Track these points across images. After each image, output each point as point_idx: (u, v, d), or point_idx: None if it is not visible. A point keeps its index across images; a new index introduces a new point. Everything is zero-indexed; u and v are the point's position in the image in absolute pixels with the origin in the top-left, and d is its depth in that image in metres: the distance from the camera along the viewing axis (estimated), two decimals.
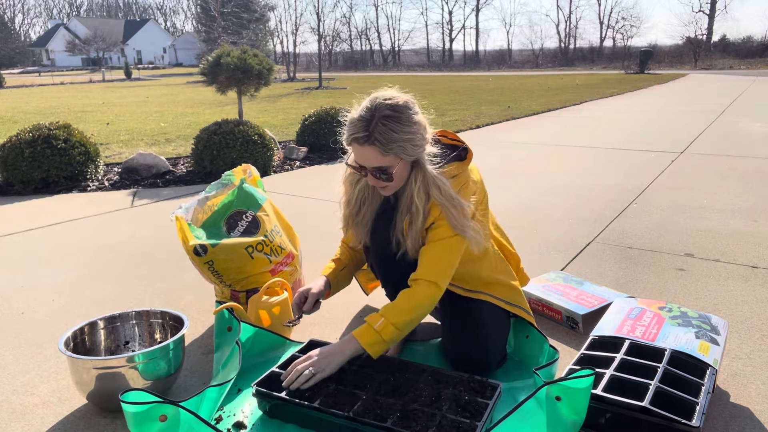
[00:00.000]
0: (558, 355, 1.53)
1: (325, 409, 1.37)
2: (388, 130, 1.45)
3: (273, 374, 1.52)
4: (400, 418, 1.34)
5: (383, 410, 1.37)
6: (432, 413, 1.35)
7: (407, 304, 1.52)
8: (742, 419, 1.46)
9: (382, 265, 1.72)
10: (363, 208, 1.69)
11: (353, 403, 1.39)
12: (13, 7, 78.00)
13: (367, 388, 1.46)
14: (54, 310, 2.21)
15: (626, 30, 59.47)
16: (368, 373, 1.52)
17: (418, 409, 1.37)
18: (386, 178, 1.52)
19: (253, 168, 2.25)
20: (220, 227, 2.03)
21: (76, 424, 1.49)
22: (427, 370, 1.55)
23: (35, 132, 4.42)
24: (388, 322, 1.49)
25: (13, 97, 16.55)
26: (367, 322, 1.52)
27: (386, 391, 1.45)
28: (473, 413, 1.36)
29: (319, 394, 1.43)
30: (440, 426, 1.31)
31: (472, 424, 1.31)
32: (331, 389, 1.45)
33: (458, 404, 1.40)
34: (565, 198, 3.80)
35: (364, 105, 1.50)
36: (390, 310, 1.51)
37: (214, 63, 5.31)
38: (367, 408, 1.38)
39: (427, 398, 1.42)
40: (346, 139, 1.52)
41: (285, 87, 19.09)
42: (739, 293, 2.23)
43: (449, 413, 1.36)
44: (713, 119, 7.99)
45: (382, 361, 1.57)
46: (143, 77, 30.40)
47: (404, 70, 44.52)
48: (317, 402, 1.39)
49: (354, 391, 1.44)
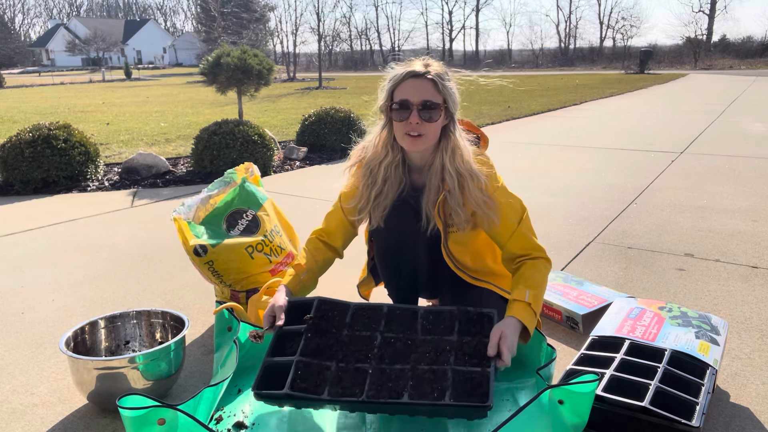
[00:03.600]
0: (555, 354, 1.53)
1: (336, 399, 1.32)
2: (443, 73, 1.57)
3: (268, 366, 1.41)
4: (414, 386, 1.31)
5: (394, 382, 1.33)
6: (443, 371, 1.33)
7: (542, 275, 1.57)
8: (742, 419, 1.46)
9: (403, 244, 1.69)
10: (385, 187, 1.67)
11: (362, 381, 1.34)
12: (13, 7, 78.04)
13: (369, 357, 1.41)
14: (54, 310, 2.21)
15: (626, 30, 59.47)
16: (365, 336, 1.46)
17: (427, 369, 1.35)
18: (431, 116, 1.54)
19: (254, 167, 2.26)
20: (220, 225, 2.03)
21: (76, 424, 1.49)
22: (419, 312, 1.52)
23: (35, 132, 4.42)
24: (534, 294, 1.50)
25: (13, 97, 16.55)
26: (516, 298, 1.49)
27: (389, 356, 1.41)
28: (480, 358, 1.35)
29: (323, 380, 1.36)
30: (455, 383, 1.29)
31: (484, 372, 1.30)
32: (333, 370, 1.38)
33: (463, 352, 1.38)
34: (565, 198, 3.80)
35: (413, 61, 1.58)
36: (532, 284, 1.52)
37: (214, 63, 5.31)
38: (378, 384, 1.33)
39: (431, 354, 1.39)
40: (395, 81, 1.56)
41: (285, 87, 19.09)
42: (739, 293, 2.23)
43: (458, 365, 1.34)
44: (713, 119, 7.99)
45: (372, 313, 1.52)
46: (143, 77, 30.39)
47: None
48: (326, 392, 1.33)
49: (357, 366, 1.39)
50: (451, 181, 1.57)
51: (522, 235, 1.61)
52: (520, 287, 1.52)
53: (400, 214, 1.67)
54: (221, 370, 1.62)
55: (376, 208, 1.67)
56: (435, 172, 1.60)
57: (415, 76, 1.54)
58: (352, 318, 1.52)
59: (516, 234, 1.60)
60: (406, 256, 1.71)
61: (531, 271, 1.56)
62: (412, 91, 1.54)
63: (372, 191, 1.67)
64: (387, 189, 1.66)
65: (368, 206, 1.68)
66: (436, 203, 1.61)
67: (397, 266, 1.75)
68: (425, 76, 1.54)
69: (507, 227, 1.61)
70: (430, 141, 1.58)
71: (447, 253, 1.68)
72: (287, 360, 1.41)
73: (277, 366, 1.41)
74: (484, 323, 1.46)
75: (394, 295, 1.82)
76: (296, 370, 1.38)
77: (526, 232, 1.62)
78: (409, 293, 1.81)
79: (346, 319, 1.51)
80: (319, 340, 1.47)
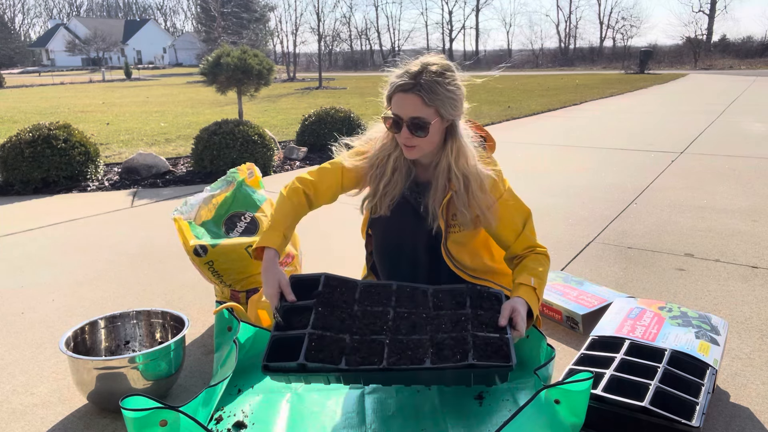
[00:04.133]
0: (554, 353, 1.53)
1: (355, 369, 1.28)
2: (434, 83, 1.50)
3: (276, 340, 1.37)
4: (435, 353, 1.30)
5: (413, 350, 1.32)
6: (462, 336, 1.33)
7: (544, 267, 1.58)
8: (742, 419, 1.46)
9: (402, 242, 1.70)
10: (394, 177, 1.67)
11: (380, 351, 1.31)
12: (13, 7, 78.03)
13: (384, 329, 1.39)
14: (54, 310, 2.21)
15: (626, 30, 59.52)
16: (377, 312, 1.44)
17: (447, 336, 1.35)
18: (421, 132, 1.53)
19: (255, 168, 2.26)
20: (219, 227, 2.03)
21: (76, 424, 1.49)
22: (428, 290, 1.52)
23: (35, 132, 4.42)
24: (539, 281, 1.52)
25: (13, 97, 16.55)
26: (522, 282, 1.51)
27: (405, 328, 1.39)
28: (496, 328, 1.37)
29: (339, 351, 1.32)
30: (476, 347, 1.30)
31: (503, 337, 1.32)
32: (348, 342, 1.35)
33: (480, 322, 1.39)
34: (565, 198, 3.80)
35: (411, 63, 1.55)
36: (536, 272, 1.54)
37: (214, 63, 5.31)
38: (398, 352, 1.31)
39: (448, 325, 1.39)
40: (389, 91, 1.55)
41: (285, 87, 19.09)
42: (739, 293, 2.23)
43: (476, 330, 1.35)
44: (713, 119, 7.99)
45: (381, 291, 1.51)
46: (143, 77, 30.40)
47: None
48: (343, 362, 1.29)
49: (373, 338, 1.36)
50: (457, 182, 1.58)
51: (526, 237, 1.64)
52: (524, 274, 1.54)
53: (399, 212, 1.68)
54: (221, 369, 1.62)
55: (385, 196, 1.67)
56: (441, 172, 1.60)
57: (403, 90, 1.51)
58: (361, 294, 1.50)
59: (521, 236, 1.63)
60: (405, 255, 1.71)
61: (534, 263, 1.58)
62: (401, 107, 1.53)
63: (380, 182, 1.67)
64: (396, 178, 1.67)
65: (376, 196, 1.68)
66: (442, 203, 1.61)
67: (395, 264, 1.75)
68: (413, 90, 1.49)
69: (513, 230, 1.63)
70: (426, 149, 1.59)
71: (446, 253, 1.68)
72: (298, 333, 1.36)
73: (286, 340, 1.35)
74: (493, 301, 1.47)
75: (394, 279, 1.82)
76: (310, 342, 1.33)
77: (530, 235, 1.64)
78: None
79: (356, 295, 1.49)
80: (329, 314, 1.42)
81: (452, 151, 1.58)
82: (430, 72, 1.51)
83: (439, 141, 1.59)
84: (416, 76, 1.50)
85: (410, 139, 1.54)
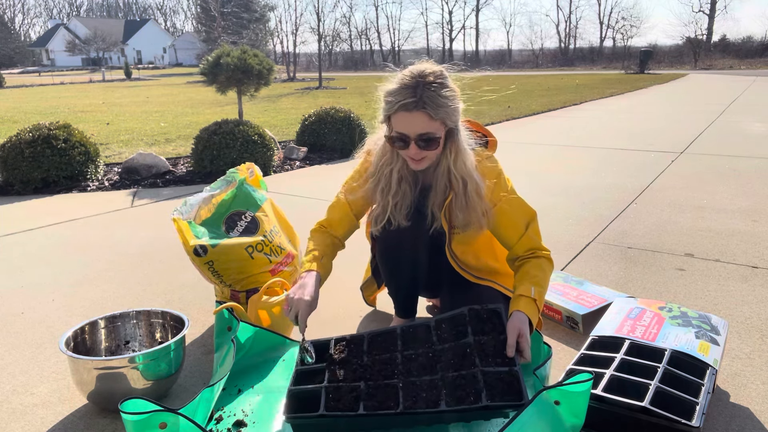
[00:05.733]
0: (551, 352, 1.53)
1: (374, 414, 1.31)
2: (436, 95, 1.46)
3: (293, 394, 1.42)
4: (448, 393, 1.31)
5: (427, 392, 1.33)
6: (472, 374, 1.33)
7: (546, 272, 1.57)
8: (742, 419, 1.46)
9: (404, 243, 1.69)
10: (401, 187, 1.65)
11: (395, 396, 1.34)
12: (13, 7, 78.02)
13: (395, 374, 1.41)
14: (54, 310, 2.21)
15: (626, 30, 59.42)
16: (386, 358, 1.47)
17: (457, 375, 1.35)
18: (430, 146, 1.51)
19: (256, 167, 2.26)
20: (219, 227, 2.03)
21: (76, 424, 1.49)
22: (430, 324, 1.52)
23: (35, 132, 4.42)
24: (539, 291, 1.51)
25: (13, 97, 16.55)
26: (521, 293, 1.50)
27: (416, 369, 1.41)
28: (502, 356, 1.37)
29: (356, 398, 1.36)
30: (487, 385, 1.30)
31: (512, 371, 1.32)
32: (363, 388, 1.38)
33: (485, 353, 1.39)
34: (565, 198, 3.80)
35: (404, 74, 1.51)
36: (536, 280, 1.53)
37: (214, 63, 5.31)
38: (413, 396, 1.33)
39: (456, 360, 1.39)
40: (389, 109, 1.51)
41: (285, 87, 19.08)
42: (739, 293, 2.23)
43: (485, 366, 1.34)
44: (713, 119, 7.99)
45: (388, 338, 1.53)
46: (143, 77, 30.39)
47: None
48: (361, 408, 1.32)
49: (386, 383, 1.39)
50: (457, 184, 1.57)
51: (529, 239, 1.61)
52: (525, 283, 1.52)
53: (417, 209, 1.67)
54: (220, 369, 1.62)
55: (398, 209, 1.65)
56: (442, 174, 1.59)
57: (407, 110, 1.47)
58: (369, 345, 1.53)
59: (524, 237, 1.61)
60: (407, 256, 1.71)
61: (535, 269, 1.56)
62: (407, 125, 1.49)
63: (389, 195, 1.65)
64: (404, 188, 1.65)
65: (387, 211, 1.65)
66: (443, 204, 1.61)
67: (397, 265, 1.75)
68: (417, 107, 1.46)
69: (516, 230, 1.61)
70: (434, 158, 1.58)
71: (450, 254, 1.68)
72: (315, 387, 1.41)
73: (303, 394, 1.41)
74: (494, 320, 1.46)
75: (395, 295, 1.82)
76: (327, 393, 1.38)
77: (534, 236, 1.62)
78: (409, 292, 1.81)
79: (364, 347, 1.52)
80: (342, 369, 1.47)
81: (451, 153, 1.56)
82: (429, 84, 1.47)
83: (440, 150, 1.57)
84: (415, 89, 1.46)
85: (419, 153, 1.52)
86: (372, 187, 1.68)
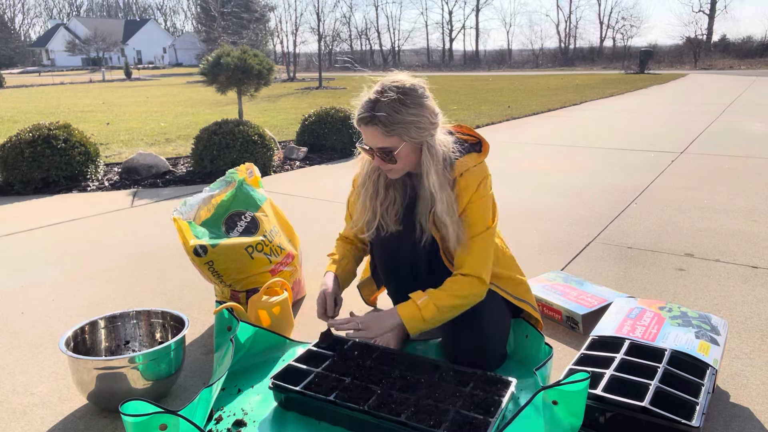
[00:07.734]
0: (552, 352, 1.53)
1: (341, 403, 1.39)
2: (392, 111, 1.46)
3: (290, 368, 1.56)
4: (414, 412, 1.35)
5: (398, 405, 1.39)
6: (445, 409, 1.36)
7: (453, 290, 1.55)
8: (742, 419, 1.46)
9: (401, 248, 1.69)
10: (390, 193, 1.66)
11: (368, 397, 1.42)
12: (13, 7, 78.01)
13: (382, 383, 1.48)
14: (54, 310, 2.21)
15: (626, 30, 59.61)
16: (384, 369, 1.55)
17: (432, 404, 1.38)
18: (390, 159, 1.53)
19: (255, 168, 2.26)
20: (219, 227, 2.03)
21: (76, 424, 1.49)
22: (442, 366, 1.56)
23: (35, 132, 4.42)
24: (430, 301, 1.52)
25: (13, 97, 16.55)
26: (411, 297, 1.55)
27: (401, 386, 1.47)
28: (486, 409, 1.37)
29: (335, 388, 1.46)
30: (453, 421, 1.32)
31: (485, 420, 1.32)
32: (347, 383, 1.48)
33: (472, 401, 1.40)
34: (565, 198, 3.80)
35: (373, 88, 1.52)
36: (435, 292, 1.55)
37: (214, 63, 5.31)
38: (382, 402, 1.40)
39: (441, 394, 1.43)
40: (354, 121, 1.55)
41: (285, 87, 19.09)
42: (739, 293, 2.23)
43: (463, 409, 1.36)
44: (713, 119, 7.99)
45: (397, 357, 1.61)
46: (143, 77, 30.40)
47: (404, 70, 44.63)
48: (333, 396, 1.42)
49: (369, 386, 1.47)
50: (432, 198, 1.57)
51: (468, 248, 1.57)
52: (425, 295, 1.55)
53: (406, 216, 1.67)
54: (220, 369, 1.62)
55: (387, 214, 1.66)
56: (424, 185, 1.58)
57: (363, 123, 1.50)
58: (379, 355, 1.62)
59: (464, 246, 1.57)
60: (405, 261, 1.70)
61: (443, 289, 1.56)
62: (366, 138, 1.53)
63: (377, 201, 1.66)
64: (392, 194, 1.66)
65: (377, 217, 1.66)
66: (429, 213, 1.60)
67: (395, 270, 1.75)
68: (371, 123, 1.47)
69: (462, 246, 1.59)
70: (406, 168, 1.59)
71: (447, 258, 1.67)
72: (308, 369, 1.55)
73: (298, 371, 1.55)
74: (500, 386, 1.47)
75: (393, 294, 1.82)
76: (314, 377, 1.51)
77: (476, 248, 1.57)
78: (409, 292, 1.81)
79: (373, 354, 1.62)
80: (342, 363, 1.58)
81: (424, 166, 1.55)
82: (387, 100, 1.46)
83: (416, 157, 1.56)
84: (373, 105, 1.47)
85: (384, 165, 1.56)
86: (362, 192, 1.70)
